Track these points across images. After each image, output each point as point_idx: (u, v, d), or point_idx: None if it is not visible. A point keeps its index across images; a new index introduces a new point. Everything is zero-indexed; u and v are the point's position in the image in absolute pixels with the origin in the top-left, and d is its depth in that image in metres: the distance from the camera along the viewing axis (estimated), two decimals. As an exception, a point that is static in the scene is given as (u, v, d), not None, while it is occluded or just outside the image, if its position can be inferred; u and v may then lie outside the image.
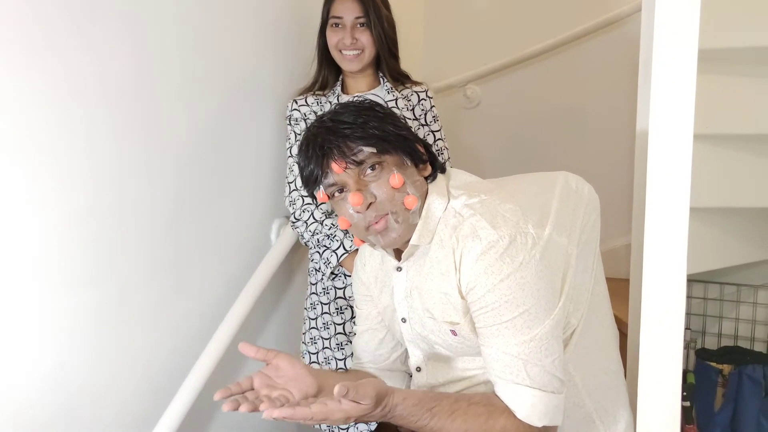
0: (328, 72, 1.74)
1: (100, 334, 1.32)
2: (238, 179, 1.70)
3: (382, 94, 1.72)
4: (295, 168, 1.65)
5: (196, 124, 1.54)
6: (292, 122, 1.73)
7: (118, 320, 1.36)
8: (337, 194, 1.09)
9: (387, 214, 1.06)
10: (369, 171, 1.06)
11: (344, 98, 1.71)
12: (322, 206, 1.67)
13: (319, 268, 1.72)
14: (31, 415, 1.19)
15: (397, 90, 1.72)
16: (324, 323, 1.72)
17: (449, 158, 1.78)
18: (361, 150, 1.05)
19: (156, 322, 1.46)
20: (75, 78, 1.22)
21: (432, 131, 1.75)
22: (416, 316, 1.14)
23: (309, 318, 1.76)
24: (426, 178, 1.12)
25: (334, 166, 1.05)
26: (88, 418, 1.31)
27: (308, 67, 1.78)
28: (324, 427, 1.69)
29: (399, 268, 1.16)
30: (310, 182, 1.09)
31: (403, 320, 1.18)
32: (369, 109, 1.09)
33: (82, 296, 1.27)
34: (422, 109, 1.74)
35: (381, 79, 1.74)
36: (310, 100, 1.73)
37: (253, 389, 1.03)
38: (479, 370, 1.13)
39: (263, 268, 1.69)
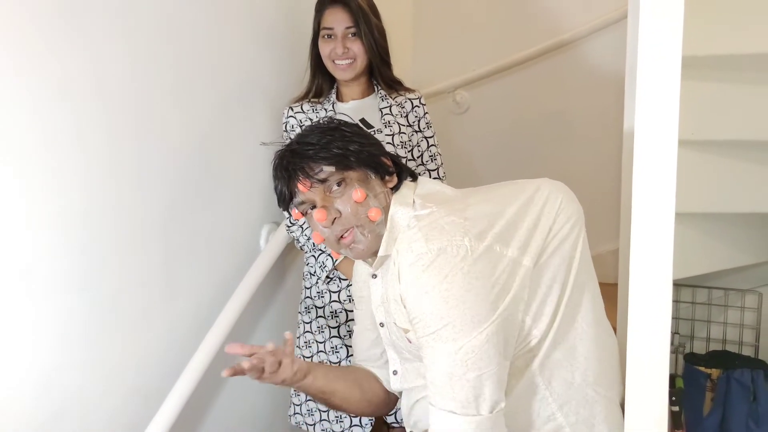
0: (323, 80, 1.76)
1: (91, 338, 1.32)
2: (229, 185, 1.70)
3: (376, 101, 1.74)
4: None
5: (189, 129, 1.55)
6: (288, 129, 1.74)
7: (109, 324, 1.36)
8: (309, 211, 1.15)
9: (353, 228, 1.12)
10: (335, 187, 1.12)
11: (339, 106, 1.73)
12: None
13: (314, 272, 1.72)
14: (22, 419, 1.19)
15: (390, 97, 1.74)
16: (318, 327, 1.73)
17: (442, 164, 1.80)
18: (322, 169, 1.11)
19: (147, 326, 1.46)
20: (68, 80, 1.23)
21: (425, 137, 1.77)
22: (389, 321, 1.17)
23: (303, 322, 1.76)
24: (392, 189, 1.16)
25: (300, 185, 1.12)
26: (80, 422, 1.30)
27: (302, 73, 1.78)
28: (318, 429, 1.70)
29: (374, 275, 1.19)
30: (283, 201, 1.17)
31: (381, 325, 1.21)
32: (335, 129, 1.16)
33: (74, 300, 1.27)
34: (416, 116, 1.76)
35: (375, 86, 1.75)
36: (306, 107, 1.74)
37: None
38: None
39: (253, 273, 1.70)
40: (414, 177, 1.21)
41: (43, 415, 1.23)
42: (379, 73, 1.73)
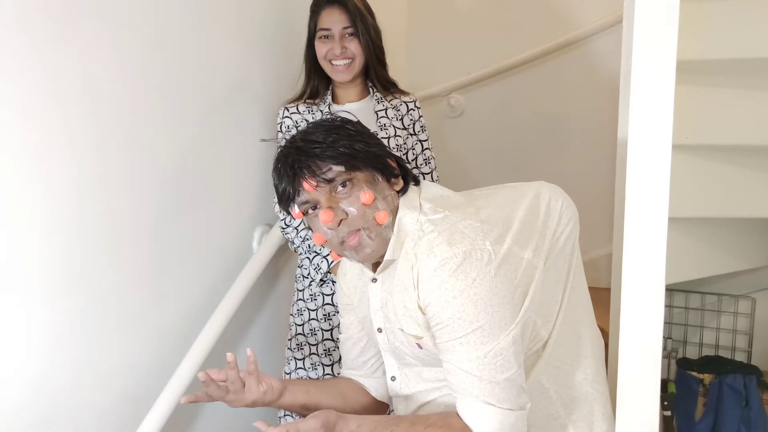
0: (318, 82, 1.75)
1: (82, 341, 1.31)
2: (221, 186, 1.69)
3: (371, 104, 1.73)
4: None
5: (180, 131, 1.54)
6: (284, 130, 1.73)
7: (99, 328, 1.35)
8: (310, 211, 1.11)
9: (359, 230, 1.08)
10: (340, 188, 1.08)
11: (335, 108, 1.72)
12: None
13: (308, 275, 1.71)
14: (12, 422, 1.18)
15: (386, 99, 1.73)
16: (311, 329, 1.72)
17: (436, 167, 1.79)
18: (330, 168, 1.07)
19: (138, 328, 1.45)
20: (56, 82, 1.22)
21: (420, 140, 1.77)
22: (390, 327, 1.15)
23: (295, 324, 1.75)
24: (398, 192, 1.14)
25: (305, 184, 1.07)
26: (69, 426, 1.29)
27: (295, 74, 1.78)
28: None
29: (374, 279, 1.17)
30: (284, 200, 1.12)
31: (379, 330, 1.19)
32: (340, 128, 1.11)
33: (63, 304, 1.26)
34: (411, 119, 1.76)
35: (370, 88, 1.75)
36: (302, 108, 1.73)
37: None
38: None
39: (245, 276, 1.68)
40: (416, 181, 1.19)
41: (34, 417, 1.22)
42: (375, 74, 1.73)
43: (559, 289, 1.15)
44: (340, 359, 1.67)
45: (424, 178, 1.74)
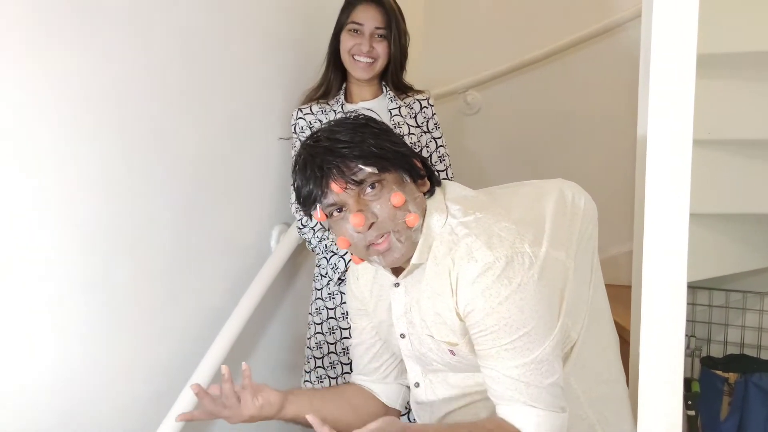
0: (334, 77, 1.75)
1: (102, 339, 1.32)
2: (240, 186, 1.70)
3: (385, 102, 1.73)
4: None
5: (201, 131, 1.55)
6: (298, 131, 1.74)
7: (120, 325, 1.36)
8: (335, 213, 1.05)
9: (389, 234, 1.04)
10: (369, 190, 1.03)
11: (348, 107, 1.72)
12: None
13: (326, 274, 1.71)
14: (34, 416, 1.20)
15: (399, 98, 1.73)
16: (329, 328, 1.72)
17: (450, 165, 1.78)
18: (361, 169, 1.02)
19: (159, 326, 1.46)
20: (83, 83, 1.23)
21: (434, 138, 1.76)
22: (416, 332, 1.12)
23: (314, 323, 1.75)
24: (424, 194, 1.10)
25: (334, 186, 1.02)
26: (90, 422, 1.31)
27: (315, 74, 1.78)
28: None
29: (397, 284, 1.13)
30: (309, 202, 1.06)
31: (402, 336, 1.15)
32: (365, 126, 1.07)
33: (84, 301, 1.28)
34: (424, 117, 1.75)
35: (384, 87, 1.75)
36: (315, 108, 1.74)
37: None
38: (478, 386, 1.11)
39: (264, 274, 1.69)
40: (439, 182, 1.15)
41: (54, 414, 1.23)
42: (392, 76, 1.73)
43: (585, 288, 1.14)
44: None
45: (438, 176, 1.74)
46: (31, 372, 1.19)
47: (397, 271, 1.12)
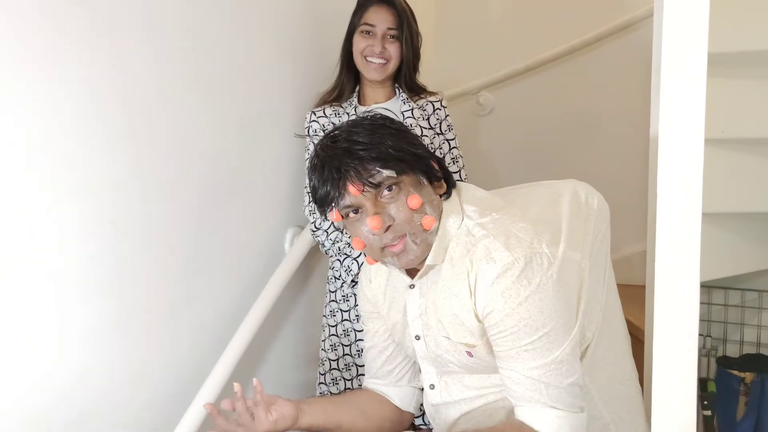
0: (347, 79, 1.76)
1: (118, 341, 1.33)
2: (254, 188, 1.71)
3: (398, 104, 1.74)
4: None
5: (214, 134, 1.56)
6: (311, 134, 1.75)
7: (136, 327, 1.37)
8: (351, 215, 1.05)
9: (405, 236, 1.04)
10: (386, 192, 1.03)
11: (361, 110, 1.73)
12: None
13: (339, 276, 1.72)
14: (53, 417, 1.21)
15: (412, 100, 1.73)
16: (344, 330, 1.73)
17: (464, 166, 1.79)
18: (379, 172, 1.02)
19: (173, 329, 1.47)
20: (95, 87, 1.24)
21: (447, 140, 1.76)
22: (431, 334, 1.12)
23: (329, 325, 1.76)
24: (440, 196, 1.10)
25: (351, 188, 1.02)
26: (108, 423, 1.32)
27: (328, 75, 1.79)
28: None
29: (412, 286, 1.13)
30: (325, 203, 1.06)
31: (417, 338, 1.15)
32: (382, 126, 1.06)
33: (101, 303, 1.29)
34: (437, 119, 1.75)
35: (397, 89, 1.75)
36: (328, 111, 1.75)
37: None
38: (494, 387, 1.11)
39: (278, 276, 1.70)
40: (454, 183, 1.15)
41: (72, 415, 1.24)
42: (404, 78, 1.73)
43: (599, 288, 1.14)
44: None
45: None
46: (48, 372, 1.20)
47: (411, 272, 1.13)
